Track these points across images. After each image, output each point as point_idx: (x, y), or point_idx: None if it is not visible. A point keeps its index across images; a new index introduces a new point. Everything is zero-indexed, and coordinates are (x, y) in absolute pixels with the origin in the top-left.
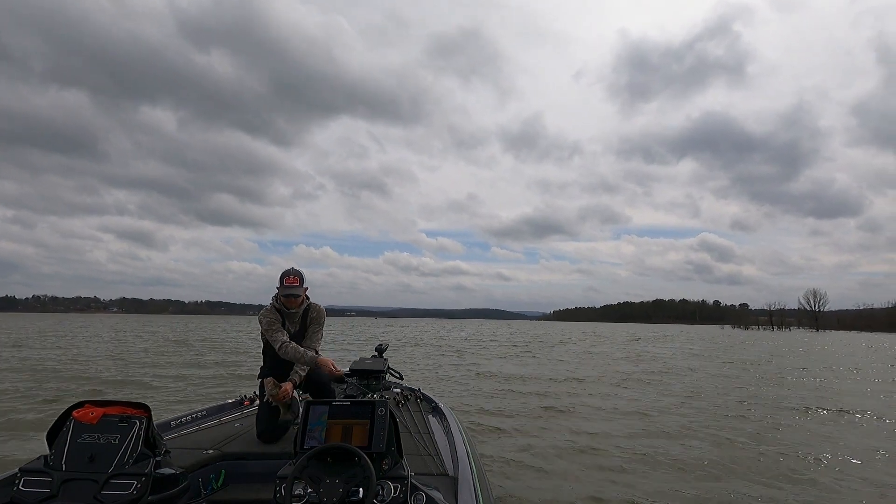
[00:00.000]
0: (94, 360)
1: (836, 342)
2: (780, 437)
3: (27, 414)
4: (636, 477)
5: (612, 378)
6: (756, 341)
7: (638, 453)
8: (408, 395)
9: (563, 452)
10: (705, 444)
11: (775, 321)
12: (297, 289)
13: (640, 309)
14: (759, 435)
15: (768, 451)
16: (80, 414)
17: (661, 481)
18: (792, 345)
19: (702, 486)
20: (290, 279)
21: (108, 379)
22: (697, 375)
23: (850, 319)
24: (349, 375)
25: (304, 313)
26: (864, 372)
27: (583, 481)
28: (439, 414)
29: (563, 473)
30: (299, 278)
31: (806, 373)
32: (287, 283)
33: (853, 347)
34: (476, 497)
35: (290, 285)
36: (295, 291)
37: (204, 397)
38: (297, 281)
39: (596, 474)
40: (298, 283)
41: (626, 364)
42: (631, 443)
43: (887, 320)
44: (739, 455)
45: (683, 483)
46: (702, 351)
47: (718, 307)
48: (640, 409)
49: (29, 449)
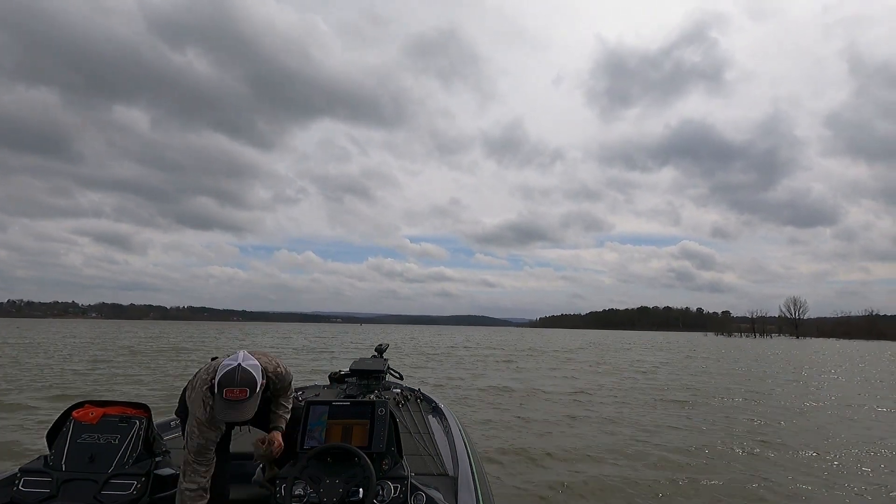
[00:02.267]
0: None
1: (831, 351)
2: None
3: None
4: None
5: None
6: (764, 352)
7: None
8: (408, 396)
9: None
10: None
11: (757, 328)
12: (245, 406)
13: (625, 316)
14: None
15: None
16: (80, 414)
17: (663, 482)
18: (800, 355)
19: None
20: (234, 392)
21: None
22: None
23: (829, 327)
24: (349, 376)
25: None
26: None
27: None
28: (439, 414)
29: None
30: (249, 388)
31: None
32: (228, 395)
33: (849, 358)
34: (476, 497)
35: (233, 400)
36: (243, 415)
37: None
38: (245, 393)
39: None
40: (246, 397)
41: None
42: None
43: (865, 328)
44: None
45: (685, 482)
46: (713, 364)
47: (701, 314)
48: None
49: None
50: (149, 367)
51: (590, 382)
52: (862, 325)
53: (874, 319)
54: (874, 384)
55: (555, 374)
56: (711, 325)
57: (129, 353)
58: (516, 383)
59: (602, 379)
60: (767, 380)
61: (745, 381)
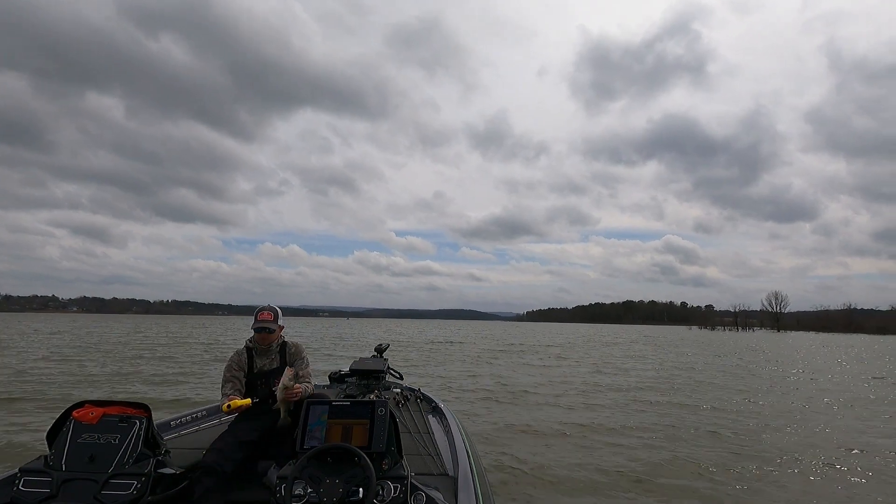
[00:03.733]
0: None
1: (816, 344)
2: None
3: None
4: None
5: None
6: (753, 346)
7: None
8: (408, 395)
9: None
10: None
11: (740, 322)
12: (270, 323)
13: (612, 310)
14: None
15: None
16: (80, 414)
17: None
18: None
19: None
20: (264, 314)
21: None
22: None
23: (809, 321)
24: (349, 375)
25: (282, 350)
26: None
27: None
28: (439, 414)
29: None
30: (273, 314)
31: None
32: (260, 317)
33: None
34: (476, 497)
35: (262, 319)
36: (268, 325)
37: (203, 398)
38: (271, 316)
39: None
40: (272, 319)
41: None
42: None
43: (843, 322)
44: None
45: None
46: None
47: (685, 308)
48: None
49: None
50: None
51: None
52: (840, 319)
53: (852, 313)
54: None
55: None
56: (695, 318)
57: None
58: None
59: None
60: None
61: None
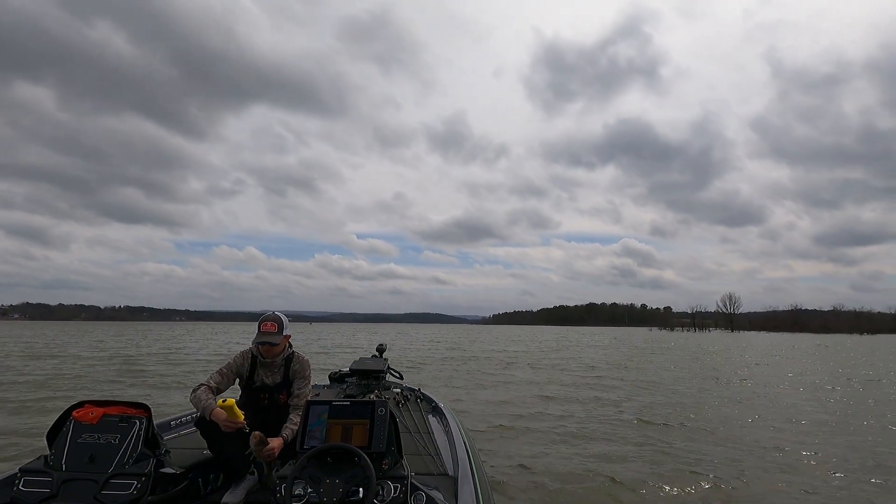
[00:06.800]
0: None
1: (775, 346)
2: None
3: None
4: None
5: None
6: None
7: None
8: (408, 395)
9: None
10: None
11: (696, 323)
12: (273, 336)
13: (575, 312)
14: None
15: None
16: (80, 414)
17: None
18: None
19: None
20: (267, 325)
21: None
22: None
23: (760, 321)
24: (349, 375)
25: (287, 364)
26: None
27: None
28: (439, 414)
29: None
30: (277, 324)
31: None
32: (263, 328)
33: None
34: (476, 497)
35: (265, 332)
36: (271, 339)
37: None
38: (275, 327)
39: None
40: (276, 331)
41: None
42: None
43: (790, 321)
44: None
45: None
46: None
47: (645, 310)
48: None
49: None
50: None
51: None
52: (787, 319)
53: (798, 314)
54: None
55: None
56: (655, 320)
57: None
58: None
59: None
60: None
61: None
